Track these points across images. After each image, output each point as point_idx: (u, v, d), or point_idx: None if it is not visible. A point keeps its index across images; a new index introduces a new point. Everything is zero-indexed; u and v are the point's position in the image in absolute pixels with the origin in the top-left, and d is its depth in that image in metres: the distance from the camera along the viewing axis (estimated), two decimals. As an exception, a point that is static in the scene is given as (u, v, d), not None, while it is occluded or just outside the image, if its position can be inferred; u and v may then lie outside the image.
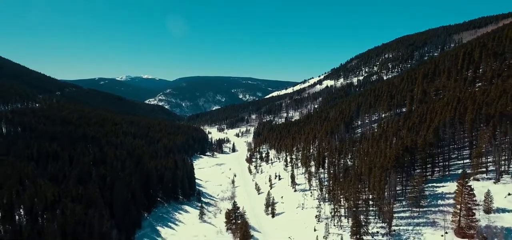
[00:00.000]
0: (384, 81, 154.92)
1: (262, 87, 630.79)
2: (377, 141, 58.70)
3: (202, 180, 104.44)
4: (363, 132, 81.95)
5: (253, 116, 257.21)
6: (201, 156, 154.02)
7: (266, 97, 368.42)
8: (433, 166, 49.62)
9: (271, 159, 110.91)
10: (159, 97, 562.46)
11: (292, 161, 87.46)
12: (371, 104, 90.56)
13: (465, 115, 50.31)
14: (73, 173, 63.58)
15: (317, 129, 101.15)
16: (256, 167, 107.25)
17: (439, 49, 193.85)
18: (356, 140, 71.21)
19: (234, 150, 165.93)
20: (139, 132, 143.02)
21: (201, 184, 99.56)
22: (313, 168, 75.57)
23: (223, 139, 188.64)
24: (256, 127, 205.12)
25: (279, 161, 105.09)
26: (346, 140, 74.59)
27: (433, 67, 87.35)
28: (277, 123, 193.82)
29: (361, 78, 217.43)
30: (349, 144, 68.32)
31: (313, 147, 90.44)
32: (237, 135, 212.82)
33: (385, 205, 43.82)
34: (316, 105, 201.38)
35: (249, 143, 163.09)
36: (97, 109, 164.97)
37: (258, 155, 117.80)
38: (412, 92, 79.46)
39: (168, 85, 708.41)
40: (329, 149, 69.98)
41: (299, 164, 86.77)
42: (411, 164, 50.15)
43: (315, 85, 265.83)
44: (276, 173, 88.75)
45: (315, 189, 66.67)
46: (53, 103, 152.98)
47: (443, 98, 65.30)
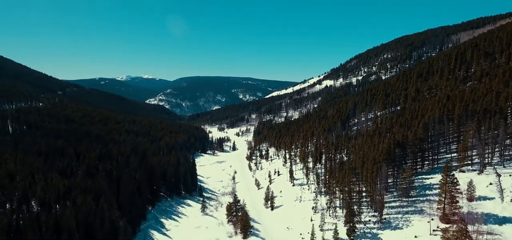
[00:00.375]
0: (381, 81, 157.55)
1: (262, 87, 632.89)
2: (371, 137, 61.61)
3: (203, 176, 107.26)
4: (359, 129, 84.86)
5: (253, 115, 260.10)
6: (202, 154, 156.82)
7: (266, 97, 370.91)
8: (423, 159, 52.54)
9: (271, 157, 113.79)
10: (160, 97, 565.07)
11: (291, 157, 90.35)
12: (367, 102, 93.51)
13: (454, 112, 53.18)
14: (81, 167, 66.60)
15: (315, 127, 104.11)
16: (256, 164, 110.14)
17: (437, 50, 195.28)
18: (351, 136, 74.20)
19: (234, 148, 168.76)
20: (141, 130, 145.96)
21: (202, 180, 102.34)
22: (311, 163, 78.57)
23: (224, 138, 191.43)
24: (256, 126, 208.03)
25: (279, 158, 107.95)
26: (342, 136, 77.52)
27: (427, 66, 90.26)
28: (277, 122, 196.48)
29: (360, 78, 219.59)
30: (345, 140, 71.30)
31: (311, 144, 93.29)
32: (238, 134, 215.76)
33: (377, 195, 46.71)
34: (315, 105, 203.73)
35: (249, 142, 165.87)
36: (99, 109, 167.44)
37: (258, 153, 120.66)
38: (406, 90, 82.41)
39: (168, 85, 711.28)
40: (326, 146, 72.86)
41: (297, 160, 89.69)
42: (402, 158, 53.00)
43: (314, 85, 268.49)
44: (275, 169, 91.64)
45: (312, 183, 69.69)
46: (56, 102, 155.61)
47: (435, 96, 68.20)
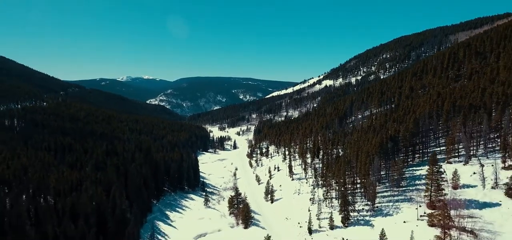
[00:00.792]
0: (379, 80, 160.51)
1: (262, 87, 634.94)
2: (365, 132, 64.75)
3: (205, 173, 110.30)
4: (355, 125, 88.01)
5: (254, 115, 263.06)
6: (204, 152, 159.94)
7: (266, 97, 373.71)
8: (414, 152, 55.72)
9: (271, 154, 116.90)
10: (160, 98, 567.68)
11: (290, 153, 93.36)
12: (363, 100, 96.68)
13: (443, 108, 56.32)
14: (90, 162, 69.86)
15: (314, 124, 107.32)
16: (256, 161, 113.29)
17: (435, 49, 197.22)
18: (347, 132, 77.35)
19: (235, 147, 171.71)
20: (144, 129, 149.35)
21: (204, 177, 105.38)
22: (309, 159, 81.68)
23: (225, 137, 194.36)
24: (256, 125, 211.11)
25: (278, 155, 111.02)
26: (339, 132, 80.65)
27: (421, 66, 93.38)
28: (277, 121, 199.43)
29: (359, 78, 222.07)
30: (341, 135, 74.44)
31: (309, 141, 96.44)
32: (238, 134, 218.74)
33: (370, 186, 49.87)
34: (315, 104, 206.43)
35: (249, 141, 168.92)
36: (101, 108, 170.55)
37: (258, 151, 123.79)
38: (400, 89, 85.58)
39: (169, 85, 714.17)
40: (324, 141, 75.98)
41: (296, 156, 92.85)
42: (394, 151, 56.10)
43: (314, 85, 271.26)
44: (275, 165, 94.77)
45: (310, 177, 72.82)
46: (59, 102, 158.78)
47: (427, 93, 71.33)
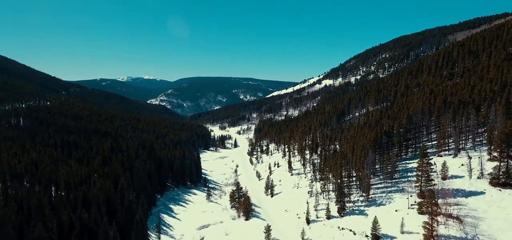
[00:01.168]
0: (378, 79, 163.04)
1: (262, 87, 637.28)
2: (361, 128, 67.35)
3: (207, 170, 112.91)
4: (352, 122, 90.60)
5: (254, 114, 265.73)
6: (205, 150, 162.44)
7: (266, 96, 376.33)
8: (407, 147, 58.34)
9: (271, 151, 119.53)
10: (161, 98, 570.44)
11: (289, 150, 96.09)
12: (360, 98, 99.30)
13: (435, 104, 58.92)
14: (96, 158, 72.49)
15: (313, 122, 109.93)
16: (257, 158, 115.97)
17: (433, 49, 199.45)
18: (344, 128, 79.98)
19: (236, 145, 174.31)
20: (146, 128, 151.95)
21: (206, 173, 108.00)
22: (308, 155, 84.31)
23: (225, 135, 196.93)
24: (257, 124, 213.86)
25: (278, 152, 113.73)
26: (336, 129, 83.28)
27: (417, 65, 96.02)
28: (277, 120, 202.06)
29: (358, 77, 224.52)
30: (338, 132, 77.06)
31: (308, 138, 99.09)
32: (239, 133, 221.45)
33: (364, 178, 52.48)
34: (314, 103, 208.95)
35: (250, 139, 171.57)
36: (103, 108, 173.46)
37: (258, 148, 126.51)
38: (396, 87, 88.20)
39: (169, 85, 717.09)
40: (322, 138, 78.58)
41: (296, 153, 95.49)
42: (389, 145, 58.71)
43: (314, 84, 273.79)
44: (275, 162, 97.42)
45: (309, 172, 75.44)
46: (62, 101, 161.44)
47: (421, 91, 73.90)
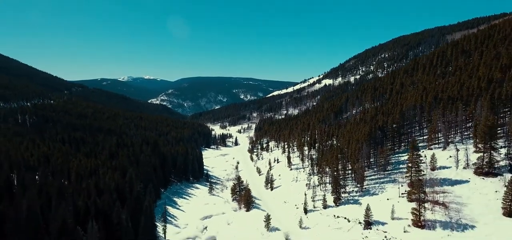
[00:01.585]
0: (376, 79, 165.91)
1: (263, 87, 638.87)
2: (357, 124, 70.34)
3: (208, 166, 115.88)
4: (349, 119, 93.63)
5: (254, 114, 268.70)
6: (206, 148, 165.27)
7: (267, 96, 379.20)
8: (400, 141, 61.34)
9: (271, 148, 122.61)
10: (161, 97, 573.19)
11: (289, 146, 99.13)
12: (357, 96, 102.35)
13: (427, 100, 61.93)
14: (103, 152, 75.64)
15: (312, 120, 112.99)
16: (257, 155, 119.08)
17: (432, 49, 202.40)
18: (341, 124, 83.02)
19: (236, 143, 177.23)
20: (149, 126, 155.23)
21: (208, 169, 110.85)
22: (306, 150, 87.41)
23: (226, 134, 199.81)
24: (257, 123, 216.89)
25: (278, 149, 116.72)
26: (334, 125, 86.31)
27: (413, 64, 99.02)
28: (277, 119, 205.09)
29: (357, 77, 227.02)
30: (335, 128, 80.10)
31: (307, 134, 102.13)
32: (239, 131, 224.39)
33: (359, 170, 55.48)
34: (314, 103, 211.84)
35: (250, 137, 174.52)
36: (106, 107, 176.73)
37: (259, 146, 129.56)
38: (392, 85, 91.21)
39: (170, 85, 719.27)
40: (320, 133, 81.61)
41: (295, 149, 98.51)
42: (383, 140, 61.71)
43: (314, 84, 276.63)
44: (275, 158, 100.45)
45: (307, 167, 78.54)
46: (66, 100, 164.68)
47: (415, 88, 76.94)
